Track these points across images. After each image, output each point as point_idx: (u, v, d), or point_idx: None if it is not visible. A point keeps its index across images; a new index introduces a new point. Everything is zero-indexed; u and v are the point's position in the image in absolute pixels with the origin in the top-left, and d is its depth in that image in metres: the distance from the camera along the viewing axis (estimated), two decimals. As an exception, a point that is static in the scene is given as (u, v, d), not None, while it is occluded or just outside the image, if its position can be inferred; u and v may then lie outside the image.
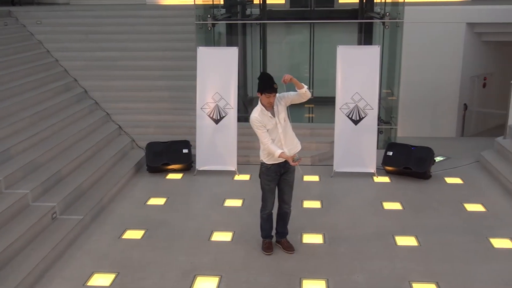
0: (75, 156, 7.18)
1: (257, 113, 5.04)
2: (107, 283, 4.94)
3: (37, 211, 5.78)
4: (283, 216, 5.50)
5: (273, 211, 5.46)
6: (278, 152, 5.03)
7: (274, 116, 5.06)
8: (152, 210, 6.62)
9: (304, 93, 5.06)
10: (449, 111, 13.01)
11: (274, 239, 5.58)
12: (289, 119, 5.18)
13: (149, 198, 6.97)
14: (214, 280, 4.97)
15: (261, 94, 4.98)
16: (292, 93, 5.14)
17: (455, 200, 6.78)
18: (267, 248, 5.44)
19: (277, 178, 5.27)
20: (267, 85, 4.97)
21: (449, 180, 7.47)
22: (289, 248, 5.46)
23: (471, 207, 6.56)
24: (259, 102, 5.06)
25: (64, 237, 5.59)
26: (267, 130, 5.05)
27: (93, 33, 11.01)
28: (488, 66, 13.46)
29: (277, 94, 5.07)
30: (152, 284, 4.93)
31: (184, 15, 11.32)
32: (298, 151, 5.25)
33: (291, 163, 5.04)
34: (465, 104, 12.91)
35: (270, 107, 5.05)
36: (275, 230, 5.57)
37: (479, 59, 13.08)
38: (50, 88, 8.81)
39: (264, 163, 5.22)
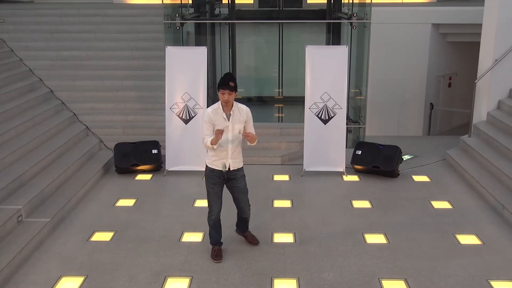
0: (41, 158, 7.03)
1: (211, 109, 4.98)
2: (76, 287, 4.85)
3: (1, 215, 5.62)
4: (243, 221, 5.56)
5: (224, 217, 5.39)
6: (207, 140, 4.92)
7: (228, 120, 4.97)
8: (121, 212, 6.53)
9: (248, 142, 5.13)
10: (415, 110, 13.25)
11: (237, 235, 5.64)
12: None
13: (117, 200, 6.88)
14: (185, 281, 4.94)
15: (218, 91, 4.91)
16: (251, 125, 5.13)
17: (422, 197, 6.90)
18: (216, 255, 5.29)
19: (221, 183, 5.16)
20: (223, 81, 4.90)
21: (417, 178, 7.60)
22: (253, 240, 5.53)
23: (438, 204, 6.69)
24: (220, 102, 4.99)
25: (31, 240, 5.46)
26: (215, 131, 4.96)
27: (59, 32, 10.82)
28: (453, 66, 13.76)
29: (248, 112, 5.04)
30: (121, 286, 4.86)
31: (152, 14, 11.25)
32: (239, 167, 5.16)
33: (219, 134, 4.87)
34: (431, 103, 13.16)
35: (226, 108, 4.96)
36: (236, 227, 5.66)
37: (444, 59, 13.37)
38: (14, 88, 8.60)
39: (207, 165, 5.15)
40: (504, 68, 8.14)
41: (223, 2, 11.64)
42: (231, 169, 5.10)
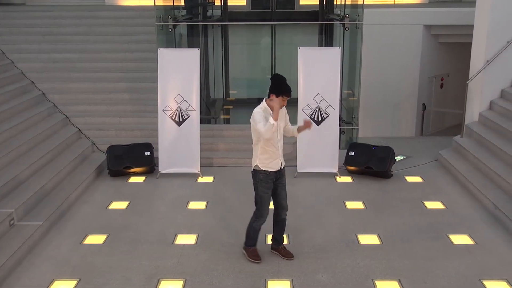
0: (33, 161, 6.99)
1: (261, 110, 4.95)
2: (68, 290, 4.84)
3: (-7, 218, 5.60)
4: (281, 223, 5.35)
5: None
6: (271, 121, 4.82)
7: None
8: (114, 214, 6.51)
9: (291, 133, 5.25)
10: (408, 111, 13.29)
11: (267, 247, 5.49)
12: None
13: (110, 202, 6.86)
14: (179, 284, 4.92)
15: (277, 96, 4.85)
16: (288, 121, 5.21)
17: (415, 198, 6.92)
18: (257, 256, 5.31)
19: (273, 184, 5.14)
20: (287, 88, 4.88)
21: (410, 178, 7.63)
22: (288, 254, 5.36)
23: (430, 204, 6.71)
24: (265, 103, 4.96)
25: (23, 244, 5.42)
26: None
27: (51, 34, 10.78)
28: (445, 67, 13.82)
29: (285, 111, 5.12)
30: (115, 289, 4.85)
31: (144, 16, 11.23)
32: (283, 166, 5.17)
33: (304, 124, 5.02)
34: (423, 104, 13.21)
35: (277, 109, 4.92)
36: (271, 237, 5.45)
37: (437, 60, 13.42)
38: (6, 91, 8.55)
39: (261, 170, 5.05)
40: (495, 68, 8.18)
41: (216, 3, 11.64)
42: (282, 167, 5.12)
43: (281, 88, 4.88)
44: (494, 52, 8.11)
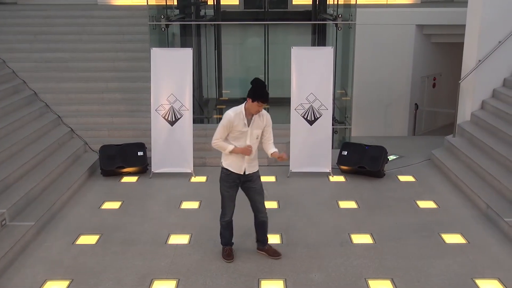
0: (25, 161, 6.95)
1: (234, 113, 4.88)
2: (61, 291, 4.82)
3: (-15, 219, 5.57)
4: (261, 225, 5.34)
5: (233, 218, 5.33)
6: (230, 147, 4.91)
7: (248, 126, 4.93)
8: (107, 215, 6.49)
9: (266, 150, 5.17)
10: (401, 110, 13.33)
11: (256, 247, 5.47)
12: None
13: (103, 202, 6.83)
14: (172, 284, 4.91)
15: (253, 101, 4.80)
16: (270, 130, 5.12)
17: (408, 197, 6.94)
18: (228, 255, 5.32)
19: (237, 186, 5.13)
20: (265, 94, 4.79)
21: (402, 178, 7.65)
22: (275, 253, 5.34)
23: (423, 204, 6.73)
24: (243, 106, 4.90)
25: (15, 244, 5.39)
26: (232, 136, 4.94)
27: (43, 33, 10.72)
28: (438, 66, 13.88)
29: (268, 118, 5.02)
30: (107, 290, 4.83)
31: (137, 15, 11.20)
32: (254, 171, 5.13)
33: (245, 152, 4.92)
34: (416, 104, 13.25)
35: (249, 115, 4.91)
36: (255, 239, 5.44)
37: (429, 60, 13.47)
38: (-3, 91, 8.52)
39: (224, 168, 5.09)
40: (487, 68, 8.22)
41: (209, 3, 11.62)
42: (246, 173, 5.07)
43: (258, 93, 4.79)
44: (486, 52, 8.15)
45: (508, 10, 8.07)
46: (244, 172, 5.07)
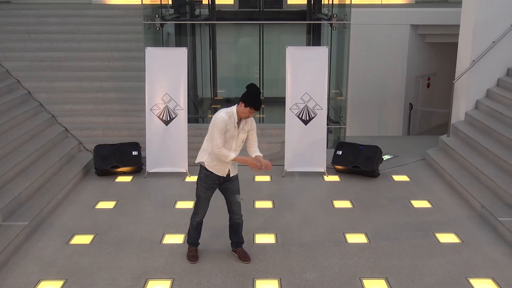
0: (18, 160, 6.92)
1: (227, 115, 4.84)
2: (55, 291, 4.80)
3: (-22, 218, 5.54)
4: (235, 227, 5.33)
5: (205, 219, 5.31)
6: (231, 155, 4.86)
7: (238, 128, 4.92)
8: (101, 214, 6.47)
9: (250, 153, 5.14)
10: (395, 110, 13.37)
11: (230, 248, 5.44)
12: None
13: (97, 202, 6.81)
14: (166, 284, 4.91)
15: (246, 106, 4.77)
16: (254, 135, 5.08)
17: (402, 197, 6.96)
18: (193, 256, 5.28)
19: (215, 186, 5.11)
20: (259, 102, 4.79)
21: (397, 177, 7.67)
22: (245, 257, 5.30)
23: (417, 203, 6.75)
24: (235, 108, 4.86)
25: (8, 244, 5.37)
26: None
27: (36, 32, 10.67)
28: (432, 66, 13.92)
29: (253, 122, 5.02)
30: (102, 290, 4.82)
31: (132, 14, 11.16)
32: (234, 174, 5.11)
33: (254, 167, 4.92)
34: (410, 104, 13.29)
35: (238, 119, 4.88)
36: (230, 240, 5.41)
37: (423, 59, 13.52)
38: (-9, 90, 8.48)
39: (205, 168, 5.03)
40: (481, 68, 8.25)
41: (203, 3, 11.61)
42: (230, 175, 5.06)
43: (253, 100, 4.77)
44: (480, 52, 8.18)
45: (502, 10, 8.11)
46: (229, 174, 5.05)
